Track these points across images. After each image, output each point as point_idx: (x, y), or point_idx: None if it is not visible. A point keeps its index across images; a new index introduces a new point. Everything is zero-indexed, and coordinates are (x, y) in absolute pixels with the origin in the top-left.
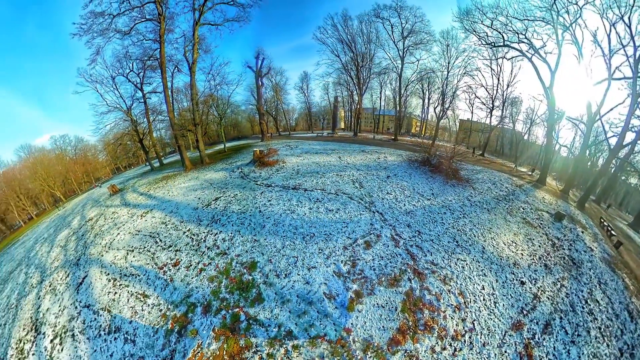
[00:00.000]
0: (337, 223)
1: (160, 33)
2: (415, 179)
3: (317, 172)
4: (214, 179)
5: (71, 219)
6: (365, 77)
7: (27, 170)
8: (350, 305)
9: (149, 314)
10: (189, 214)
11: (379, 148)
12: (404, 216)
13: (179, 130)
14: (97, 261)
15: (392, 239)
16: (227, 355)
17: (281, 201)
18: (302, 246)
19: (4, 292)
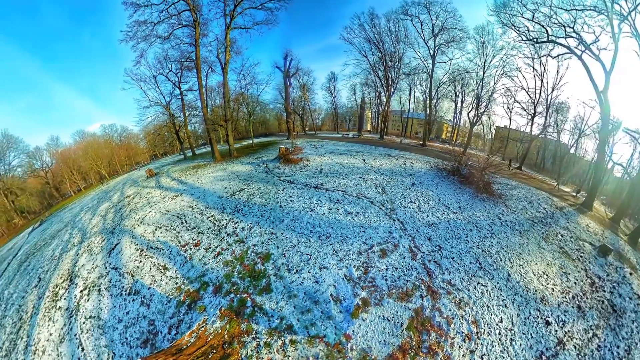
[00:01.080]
0: (355, 227)
1: (195, 37)
2: (442, 189)
3: (340, 173)
4: (240, 171)
5: (112, 194)
6: (394, 77)
7: (80, 151)
8: (355, 312)
9: (165, 285)
10: (214, 201)
11: (405, 153)
12: (425, 228)
13: (211, 124)
14: (129, 232)
15: (409, 250)
16: (228, 335)
17: (302, 198)
18: (317, 245)
19: (51, 245)
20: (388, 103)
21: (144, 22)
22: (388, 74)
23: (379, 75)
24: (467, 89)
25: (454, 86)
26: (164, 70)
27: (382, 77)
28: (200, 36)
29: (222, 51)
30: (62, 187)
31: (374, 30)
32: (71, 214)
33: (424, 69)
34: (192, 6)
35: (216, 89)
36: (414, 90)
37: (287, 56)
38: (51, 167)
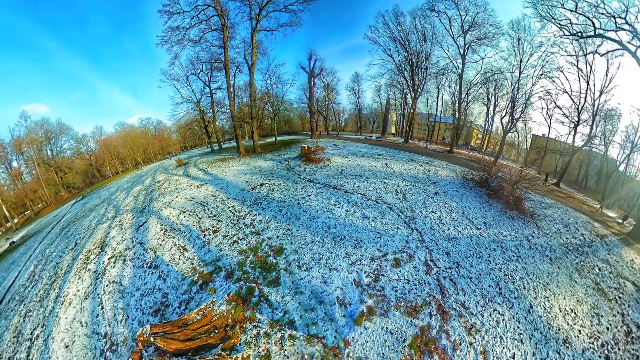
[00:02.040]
0: (371, 232)
1: (224, 40)
2: (467, 202)
3: (361, 175)
4: (262, 166)
5: (145, 179)
6: (421, 78)
7: (120, 140)
8: (358, 319)
9: (182, 264)
10: (236, 193)
11: (430, 159)
12: (445, 242)
13: (238, 121)
14: (156, 213)
15: (425, 263)
16: (231, 319)
17: (320, 198)
18: (330, 246)
19: (88, 217)
20: (414, 105)
21: (177, 28)
22: (414, 74)
23: (405, 75)
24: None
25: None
26: (196, 71)
27: (408, 78)
28: (228, 39)
29: (249, 53)
30: (103, 169)
31: (399, 29)
32: (108, 192)
33: (453, 69)
34: (220, 11)
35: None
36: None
37: (311, 57)
38: (95, 152)
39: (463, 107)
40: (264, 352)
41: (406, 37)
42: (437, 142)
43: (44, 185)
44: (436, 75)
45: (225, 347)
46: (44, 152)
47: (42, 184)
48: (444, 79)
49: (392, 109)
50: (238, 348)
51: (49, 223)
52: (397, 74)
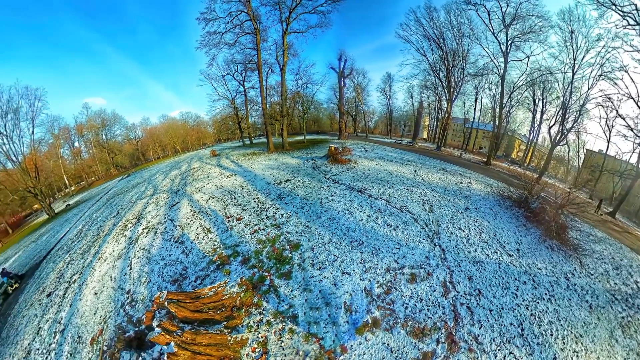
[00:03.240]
0: (391, 241)
1: (256, 43)
2: (501, 222)
3: (387, 181)
4: (289, 163)
5: (181, 165)
6: (457, 79)
7: (162, 129)
8: (361, 329)
9: (205, 243)
10: (262, 186)
11: (464, 170)
12: (469, 264)
13: (269, 119)
14: (188, 196)
15: (443, 284)
16: (239, 302)
17: (343, 200)
18: (346, 249)
19: (131, 192)
20: (449, 109)
21: (214, 33)
22: (450, 75)
23: (440, 76)
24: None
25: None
26: (231, 71)
27: (443, 79)
28: (261, 41)
29: (281, 54)
30: (147, 154)
31: (432, 26)
32: (149, 173)
33: (493, 69)
34: (252, 16)
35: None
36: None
37: (342, 57)
38: (141, 139)
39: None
40: (262, 338)
41: (441, 34)
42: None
43: (98, 163)
44: (474, 76)
45: (228, 325)
46: (100, 136)
47: (97, 161)
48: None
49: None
50: (239, 329)
51: (99, 193)
52: (431, 75)
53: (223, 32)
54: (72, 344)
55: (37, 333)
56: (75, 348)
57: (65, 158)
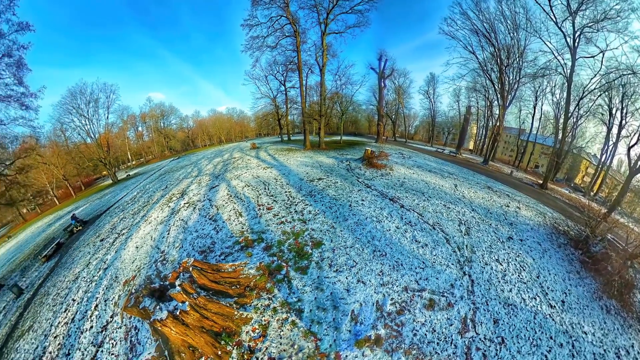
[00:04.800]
0: (416, 258)
1: (296, 45)
2: (549, 263)
3: (423, 192)
4: (323, 162)
5: (224, 154)
6: (512, 81)
7: (210, 122)
8: (361, 342)
9: (234, 225)
10: (295, 181)
11: (513, 191)
12: (498, 305)
13: (307, 117)
14: (227, 181)
15: (462, 321)
16: (253, 284)
17: (373, 206)
18: (367, 257)
19: (179, 172)
20: (501, 116)
21: (256, 37)
22: (504, 75)
23: (492, 77)
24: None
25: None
26: (273, 72)
27: (495, 81)
28: (301, 43)
29: (320, 55)
30: (196, 141)
31: (481, 18)
32: (196, 158)
33: (557, 68)
34: (291, 20)
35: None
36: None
37: (382, 57)
38: (192, 128)
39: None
40: (265, 322)
41: (491, 28)
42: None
43: (155, 145)
44: (533, 77)
45: (238, 301)
46: (159, 123)
47: (154, 144)
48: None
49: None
50: (247, 308)
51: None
52: (481, 75)
53: (265, 36)
54: (109, 280)
55: (86, 265)
56: (111, 284)
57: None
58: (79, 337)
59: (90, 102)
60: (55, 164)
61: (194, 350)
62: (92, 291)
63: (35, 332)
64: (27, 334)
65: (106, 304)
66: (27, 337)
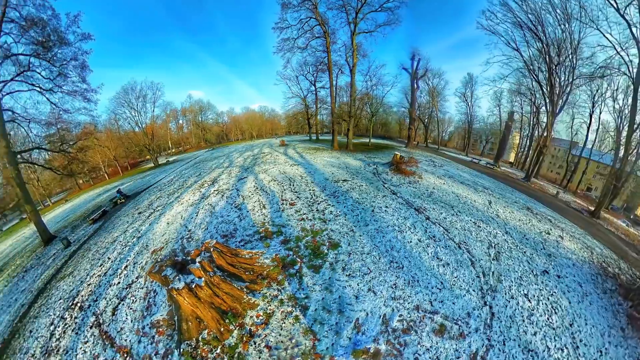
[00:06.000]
0: (434, 277)
1: (326, 46)
2: (587, 310)
3: (452, 206)
4: (350, 164)
5: (254, 148)
6: (564, 83)
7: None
8: (359, 352)
9: (257, 216)
10: (320, 180)
11: (557, 216)
12: (517, 348)
13: (336, 118)
14: (255, 174)
15: (472, 356)
16: (266, 273)
17: (397, 214)
18: (383, 267)
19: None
20: (550, 125)
21: (287, 39)
22: (553, 76)
23: (539, 78)
24: None
25: None
26: (304, 72)
27: (543, 82)
28: (330, 44)
29: (350, 55)
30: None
31: (525, 9)
32: (228, 150)
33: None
34: (320, 21)
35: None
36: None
37: (414, 56)
38: (226, 123)
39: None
40: (270, 311)
41: (538, 20)
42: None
43: (193, 136)
44: (590, 77)
45: (249, 287)
46: (197, 118)
47: (192, 135)
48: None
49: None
50: (255, 294)
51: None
52: (526, 76)
53: (295, 38)
54: (140, 247)
55: (124, 232)
56: (141, 251)
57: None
58: (107, 289)
59: (139, 97)
60: (108, 146)
61: (200, 321)
62: (125, 254)
63: (74, 277)
64: (68, 277)
65: (134, 266)
66: (67, 280)
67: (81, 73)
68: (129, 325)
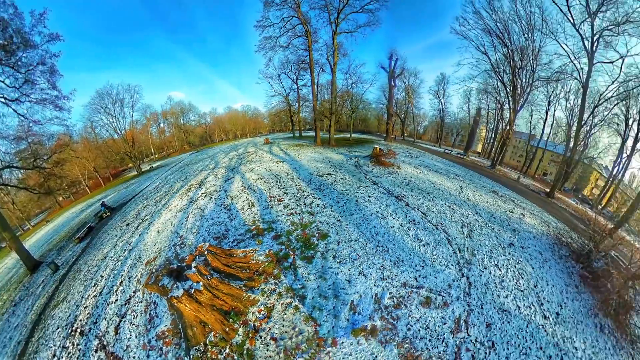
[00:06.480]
0: (417, 256)
1: (308, 44)
2: (548, 273)
3: (429, 192)
4: (333, 158)
5: (239, 148)
6: (525, 84)
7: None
8: (357, 331)
9: (247, 215)
10: (305, 175)
11: (519, 197)
12: (493, 310)
13: (318, 115)
14: (241, 174)
15: (456, 321)
16: (262, 269)
17: (379, 202)
18: (370, 251)
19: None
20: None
21: (269, 37)
22: (516, 78)
23: (504, 79)
24: None
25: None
26: (285, 70)
27: (507, 83)
28: (312, 43)
29: (331, 54)
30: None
31: (494, 17)
32: (213, 151)
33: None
34: (302, 20)
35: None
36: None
37: (392, 56)
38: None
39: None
40: (270, 305)
41: (505, 28)
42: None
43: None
44: (547, 80)
45: (247, 284)
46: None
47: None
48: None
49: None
50: (254, 291)
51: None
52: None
53: (277, 36)
54: (133, 260)
55: (113, 247)
56: (134, 264)
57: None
58: (105, 308)
59: (116, 102)
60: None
61: (204, 325)
62: (118, 269)
63: (69, 302)
64: (62, 303)
65: (130, 281)
66: (62, 307)
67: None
68: (135, 341)
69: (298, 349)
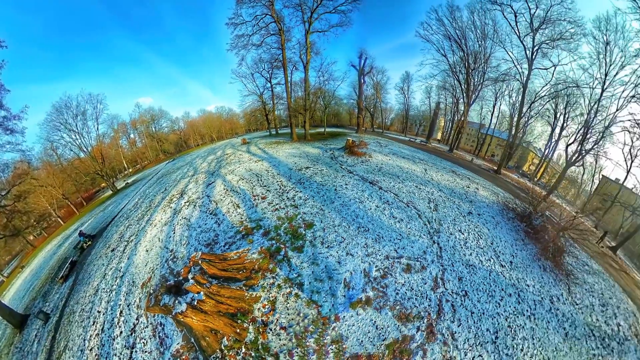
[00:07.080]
0: (394, 232)
1: (281, 43)
2: (500, 232)
3: (398, 176)
4: (310, 152)
5: (217, 151)
6: (477, 83)
7: (201, 121)
8: (355, 304)
9: (234, 217)
10: (285, 171)
11: (473, 175)
12: (462, 266)
13: (293, 112)
14: (222, 177)
15: (434, 279)
16: (257, 266)
17: (355, 189)
18: (353, 233)
19: (175, 173)
20: (466, 112)
21: (242, 35)
22: (470, 77)
23: (459, 78)
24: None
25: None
26: (259, 69)
27: (462, 81)
28: (285, 41)
29: (304, 52)
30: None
31: (454, 25)
32: (190, 157)
33: (516, 75)
34: (276, 18)
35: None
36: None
37: (362, 55)
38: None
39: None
40: (273, 298)
41: (463, 35)
42: (485, 157)
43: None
44: (495, 80)
45: (246, 284)
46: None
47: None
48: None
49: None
50: (255, 288)
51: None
52: (450, 76)
53: (250, 35)
54: (127, 286)
55: (103, 277)
56: (130, 289)
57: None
58: (112, 344)
59: (77, 116)
60: (52, 184)
61: (215, 332)
62: (114, 300)
63: (71, 350)
64: (65, 353)
65: (129, 308)
66: (65, 357)
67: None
68: None
69: (307, 332)
